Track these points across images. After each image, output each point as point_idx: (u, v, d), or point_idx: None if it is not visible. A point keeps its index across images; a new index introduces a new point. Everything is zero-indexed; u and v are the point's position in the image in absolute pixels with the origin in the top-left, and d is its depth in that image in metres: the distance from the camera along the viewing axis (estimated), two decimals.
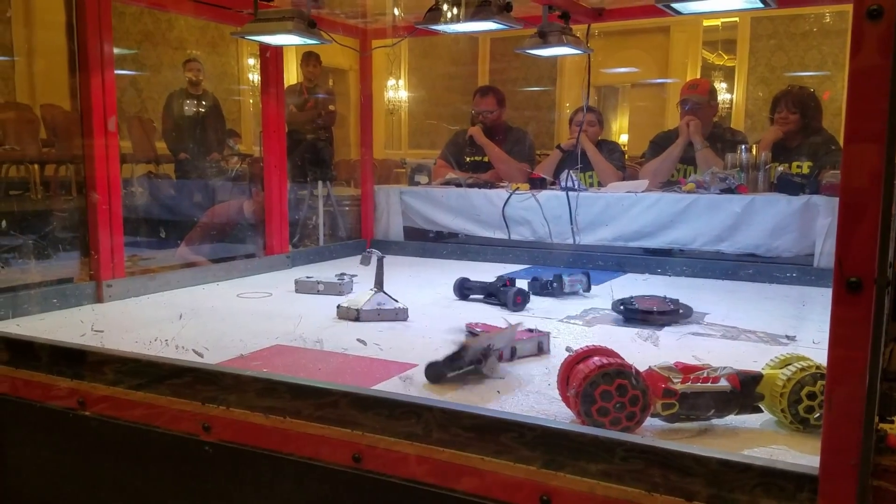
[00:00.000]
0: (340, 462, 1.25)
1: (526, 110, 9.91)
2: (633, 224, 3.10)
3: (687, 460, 1.01)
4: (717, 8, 2.26)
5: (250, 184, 5.18)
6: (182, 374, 1.43)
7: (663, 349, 1.79)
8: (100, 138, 2.29)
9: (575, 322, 2.10)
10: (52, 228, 4.31)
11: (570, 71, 9.80)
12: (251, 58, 8.96)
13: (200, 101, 6.52)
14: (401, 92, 10.56)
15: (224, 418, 1.36)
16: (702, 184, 3.11)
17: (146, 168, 7.26)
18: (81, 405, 1.50)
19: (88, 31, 2.26)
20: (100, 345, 1.62)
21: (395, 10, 3.22)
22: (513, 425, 1.13)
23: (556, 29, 2.60)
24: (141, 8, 7.36)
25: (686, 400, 1.23)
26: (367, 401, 1.26)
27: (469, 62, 10.49)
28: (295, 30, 2.31)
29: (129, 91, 7.90)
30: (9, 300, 2.09)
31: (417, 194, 3.65)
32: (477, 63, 10.51)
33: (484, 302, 2.42)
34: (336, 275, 2.66)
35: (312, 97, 6.00)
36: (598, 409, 1.17)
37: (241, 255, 3.39)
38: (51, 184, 6.80)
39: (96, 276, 2.32)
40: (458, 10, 2.08)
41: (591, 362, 1.21)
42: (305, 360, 1.73)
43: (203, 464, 1.38)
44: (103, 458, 1.52)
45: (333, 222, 5.10)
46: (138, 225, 4.53)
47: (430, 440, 1.19)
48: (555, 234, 3.22)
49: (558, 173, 3.56)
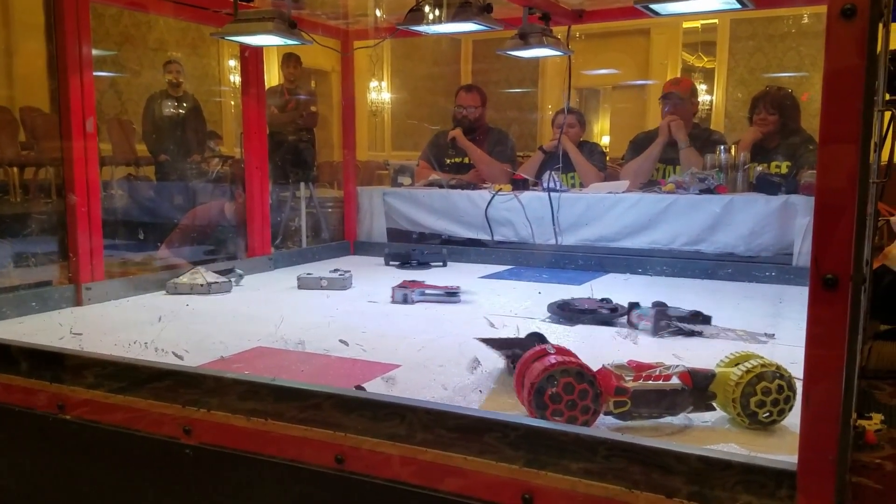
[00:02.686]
0: (323, 463, 1.24)
1: (508, 111, 9.95)
2: (615, 224, 3.12)
3: (668, 458, 1.02)
4: (694, 9, 2.28)
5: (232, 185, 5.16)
6: (162, 378, 1.42)
7: (642, 347, 1.80)
8: (78, 140, 2.27)
9: (556, 322, 2.10)
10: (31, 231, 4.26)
11: (551, 73, 9.85)
12: (232, 59, 8.92)
13: (181, 102, 6.48)
14: (383, 93, 10.55)
15: (205, 421, 1.35)
16: (681, 184, 3.13)
17: (126, 170, 7.21)
18: (61, 409, 1.49)
19: (66, 32, 2.24)
20: (79, 348, 1.61)
21: (377, 11, 3.22)
22: (496, 425, 1.13)
23: (536, 30, 2.61)
24: (120, 9, 7.30)
25: (638, 398, 1.23)
26: (350, 402, 1.26)
27: (451, 63, 10.51)
28: (275, 30, 2.30)
29: (108, 93, 7.83)
30: None
31: (400, 196, 3.65)
32: (459, 64, 10.53)
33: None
34: (331, 270, 2.71)
35: (294, 98, 5.98)
36: (551, 412, 1.18)
37: (222, 257, 3.37)
38: (30, 187, 6.73)
39: (75, 278, 2.30)
40: (439, 11, 2.09)
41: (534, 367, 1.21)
42: (288, 362, 1.72)
43: (184, 467, 1.37)
44: (84, 462, 1.50)
45: (316, 224, 5.10)
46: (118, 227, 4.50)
47: (414, 441, 1.19)
48: (537, 235, 3.23)
49: (540, 174, 3.58)
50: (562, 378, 1.16)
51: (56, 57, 2.28)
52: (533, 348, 1.28)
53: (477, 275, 2.96)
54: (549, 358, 1.20)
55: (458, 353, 1.74)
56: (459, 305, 2.39)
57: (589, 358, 1.28)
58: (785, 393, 1.24)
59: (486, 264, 3.22)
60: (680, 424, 1.29)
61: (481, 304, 2.38)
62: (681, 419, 1.29)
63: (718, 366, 1.32)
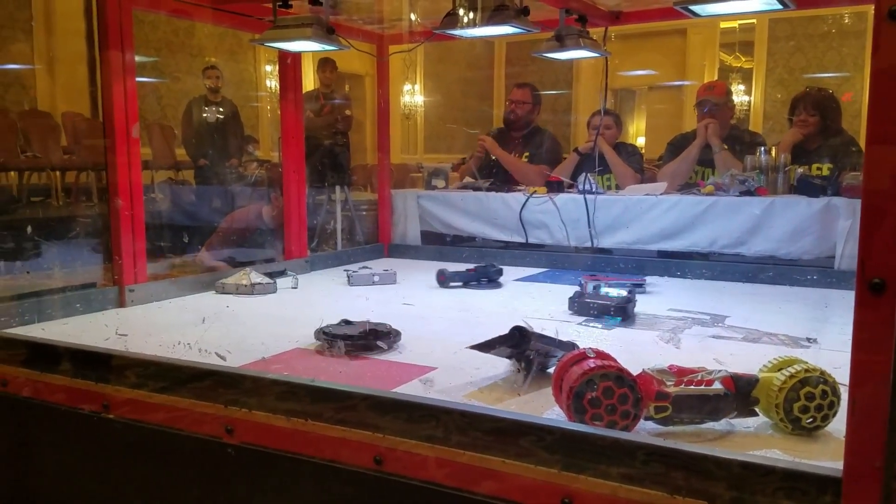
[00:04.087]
0: (362, 464, 1.26)
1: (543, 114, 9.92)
2: (652, 227, 3.09)
3: (709, 463, 1.00)
4: (735, 10, 2.25)
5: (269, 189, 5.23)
6: (204, 378, 1.44)
7: (684, 352, 1.79)
8: (122, 145, 2.32)
9: (594, 326, 2.09)
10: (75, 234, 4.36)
11: (586, 74, 9.79)
12: (269, 64, 9.03)
13: (219, 107, 6.58)
14: (416, 96, 10.59)
15: (246, 421, 1.37)
16: (721, 186, 3.09)
17: (166, 174, 7.34)
18: (106, 409, 1.52)
19: (110, 39, 2.29)
20: (124, 348, 1.64)
21: (412, 16, 3.23)
22: (532, 428, 1.13)
23: (573, 32, 2.60)
24: (161, 16, 7.45)
25: (679, 403, 1.22)
26: (386, 404, 1.26)
27: (485, 66, 10.51)
28: (314, 36, 2.33)
29: (148, 98, 7.99)
30: (34, 305, 2.12)
31: (434, 198, 3.66)
32: (493, 67, 10.53)
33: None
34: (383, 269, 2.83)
35: (329, 103, 6.03)
36: (591, 416, 1.17)
37: (260, 260, 3.42)
38: (72, 190, 6.89)
39: (119, 280, 2.35)
40: (475, 14, 2.09)
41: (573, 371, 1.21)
42: (327, 364, 1.74)
43: (226, 466, 1.39)
44: (127, 461, 1.54)
45: (351, 227, 5.14)
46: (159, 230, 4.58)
47: (450, 443, 1.20)
48: (573, 238, 3.22)
49: (576, 176, 3.56)
50: (601, 382, 1.16)
51: (100, 63, 2.34)
52: (571, 351, 1.27)
53: (512, 277, 2.96)
54: (588, 362, 1.19)
55: (495, 357, 1.74)
56: (495, 308, 2.39)
57: (629, 362, 1.27)
58: (829, 398, 1.22)
59: (521, 267, 3.22)
60: (722, 430, 1.27)
61: (517, 308, 2.38)
62: (723, 425, 1.28)
63: (761, 371, 1.30)
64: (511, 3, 2.07)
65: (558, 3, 2.56)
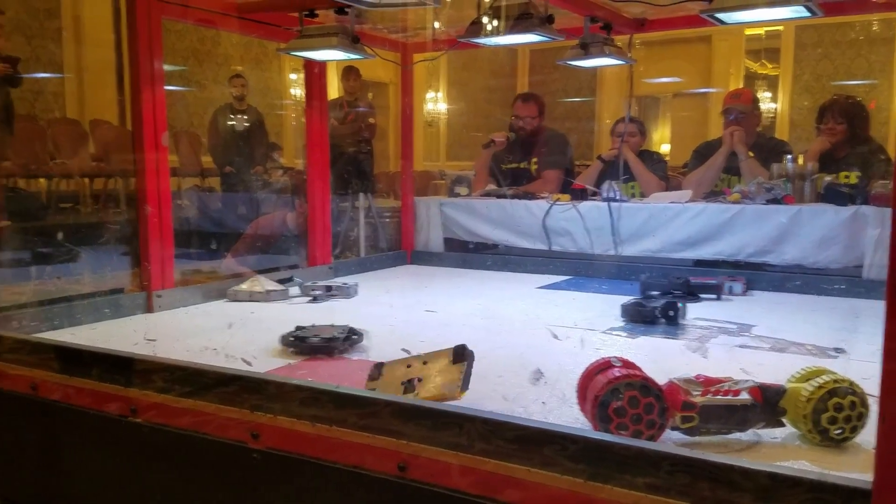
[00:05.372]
0: (386, 471, 1.26)
1: (566, 121, 9.89)
2: (677, 235, 3.07)
3: (735, 474, 1.00)
4: (762, 18, 2.24)
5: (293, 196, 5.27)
6: (230, 383, 1.45)
7: (710, 361, 1.77)
8: (150, 153, 2.35)
9: (618, 333, 2.08)
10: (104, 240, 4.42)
11: (610, 81, 9.76)
12: (293, 72, 9.11)
13: (245, 115, 6.65)
14: (440, 104, 10.63)
15: (271, 426, 1.38)
16: (747, 194, 3.07)
17: (192, 181, 7.43)
18: (133, 412, 1.54)
19: (140, 48, 2.33)
20: (152, 353, 1.66)
21: (436, 24, 3.25)
22: (556, 437, 1.13)
23: (597, 40, 2.60)
24: (187, 25, 7.56)
25: (706, 413, 1.21)
26: (409, 410, 1.27)
27: (508, 73, 10.52)
28: (339, 45, 2.35)
29: (175, 106, 8.10)
30: (64, 310, 2.16)
31: (457, 206, 3.67)
32: (516, 74, 10.54)
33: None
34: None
35: (353, 111, 6.07)
36: (616, 426, 1.17)
37: (284, 266, 3.44)
38: (100, 197, 6.99)
39: (147, 286, 2.38)
40: (499, 22, 2.10)
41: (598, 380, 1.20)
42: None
43: (251, 471, 1.41)
44: (154, 464, 1.55)
45: (374, 234, 5.16)
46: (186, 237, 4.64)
47: (474, 450, 1.20)
48: (596, 246, 3.20)
49: (599, 184, 3.55)
50: (626, 391, 1.15)
51: (129, 72, 2.38)
52: (596, 361, 1.27)
53: (535, 285, 2.95)
54: (614, 371, 1.19)
55: (518, 364, 1.74)
56: (518, 316, 2.39)
57: (654, 371, 1.26)
58: (858, 409, 1.21)
59: (544, 274, 3.21)
60: (749, 441, 1.26)
61: (540, 315, 2.37)
62: (750, 435, 1.26)
63: (789, 381, 1.28)
64: (536, 12, 2.08)
65: (583, 11, 2.56)
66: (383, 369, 1.50)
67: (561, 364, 1.72)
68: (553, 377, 1.59)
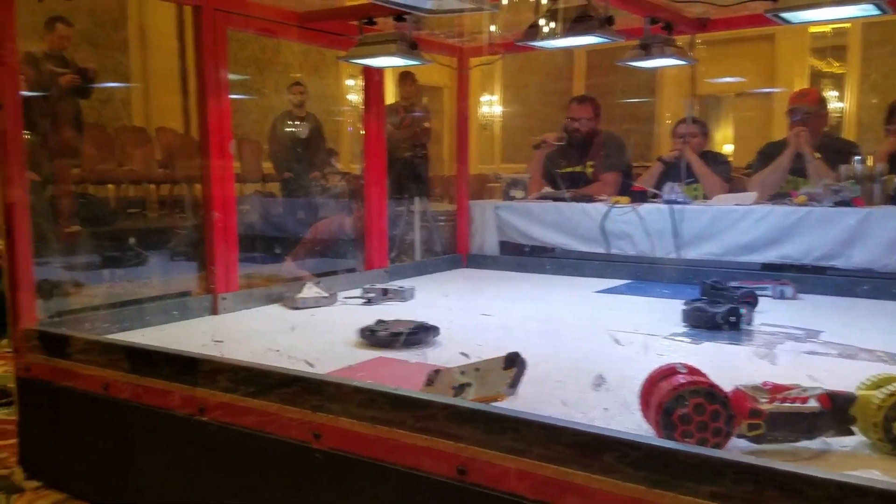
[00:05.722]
0: (445, 474, 1.27)
1: (624, 122, 9.77)
2: (742, 238, 3.00)
3: (802, 483, 0.97)
4: (829, 17, 2.17)
5: (350, 200, 5.34)
6: (292, 384, 1.48)
7: (778, 367, 1.73)
8: (216, 160, 2.42)
9: (681, 339, 2.05)
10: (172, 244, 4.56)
11: (669, 81, 9.60)
12: (350, 79, 9.24)
13: (304, 122, 6.77)
14: (494, 107, 10.62)
15: (333, 426, 1.41)
16: (814, 196, 2.98)
17: (253, 187, 7.60)
18: (201, 412, 1.59)
19: (206, 57, 2.40)
20: (219, 355, 1.71)
21: (492, 27, 3.25)
22: (616, 443, 1.12)
23: (658, 41, 2.56)
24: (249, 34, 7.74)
25: (773, 420, 1.18)
26: (466, 414, 1.27)
27: (565, 75, 10.45)
28: (397, 52, 2.38)
29: (237, 114, 8.29)
30: (134, 312, 2.24)
31: (513, 209, 3.66)
32: (572, 75, 10.45)
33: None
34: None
35: (409, 115, 6.12)
36: (681, 433, 1.15)
37: (342, 270, 3.49)
38: (165, 202, 7.21)
39: (212, 289, 2.45)
40: (559, 25, 2.08)
41: (661, 387, 1.18)
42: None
43: (314, 470, 1.43)
44: (221, 462, 1.60)
45: (429, 237, 5.18)
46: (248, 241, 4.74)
47: (532, 455, 1.19)
48: (657, 249, 3.15)
49: (660, 186, 3.49)
50: (692, 398, 1.14)
51: (196, 81, 2.45)
52: (660, 367, 1.25)
53: (592, 289, 2.92)
54: (678, 377, 1.17)
55: (577, 370, 1.72)
56: (576, 320, 2.37)
57: (720, 378, 1.24)
58: None
59: (602, 278, 3.17)
60: (817, 449, 1.23)
61: (599, 320, 2.35)
62: (818, 444, 1.23)
63: (859, 388, 1.25)
64: (595, 13, 2.06)
65: (644, 11, 2.52)
66: (439, 375, 1.51)
67: (622, 370, 1.70)
68: (614, 383, 1.57)
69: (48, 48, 4.60)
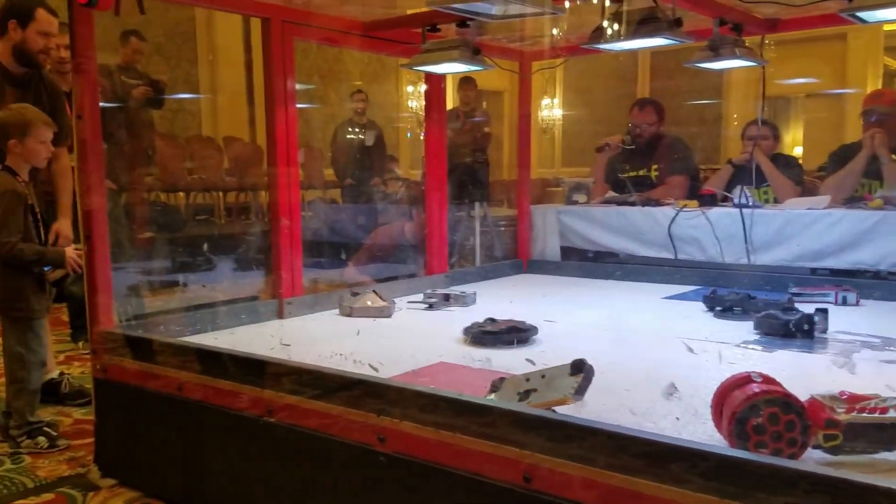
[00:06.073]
0: (511, 480, 1.26)
1: (690, 125, 9.56)
2: (815, 243, 2.91)
3: (880, 496, 0.94)
4: None
5: (411, 206, 5.38)
6: (355, 387, 1.50)
7: (860, 377, 1.66)
8: (283, 167, 2.48)
9: (753, 347, 1.99)
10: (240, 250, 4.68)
11: (737, 82, 9.35)
12: (410, 85, 9.31)
13: (365, 129, 6.85)
14: (555, 110, 10.55)
15: (397, 430, 1.42)
16: (890, 200, 2.87)
17: (314, 193, 7.74)
18: (269, 413, 1.62)
19: (273, 68, 2.46)
20: (287, 358, 1.74)
21: (554, 30, 3.23)
22: (685, 453, 1.10)
23: (727, 41, 2.50)
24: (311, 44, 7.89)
25: (851, 431, 1.14)
26: (528, 420, 1.27)
27: (628, 77, 10.29)
28: (460, 58, 2.39)
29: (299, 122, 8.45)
30: (207, 315, 2.31)
31: (576, 213, 3.62)
32: (636, 77, 10.30)
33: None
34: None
35: (469, 120, 6.13)
36: (755, 443, 1.11)
37: (403, 275, 3.51)
38: (232, 209, 7.41)
39: (278, 293, 2.50)
40: (626, 27, 2.05)
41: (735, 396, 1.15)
42: (471, 378, 1.77)
43: (378, 473, 1.44)
44: (288, 463, 1.63)
45: (490, 242, 5.17)
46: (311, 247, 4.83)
47: (598, 464, 1.18)
48: (727, 254, 3.07)
49: (730, 189, 3.41)
50: (766, 408, 1.11)
51: (264, 91, 2.51)
52: (733, 376, 1.22)
53: (659, 295, 2.87)
54: (752, 386, 1.14)
55: (646, 378, 1.69)
56: (643, 327, 2.33)
57: (794, 387, 1.21)
58: None
59: (669, 284, 3.11)
60: None
61: (667, 327, 2.30)
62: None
63: None
64: (663, 15, 2.02)
65: (713, 12, 2.47)
66: (504, 383, 1.51)
67: (692, 378, 1.67)
68: (685, 392, 1.54)
69: (122, 61, 4.77)
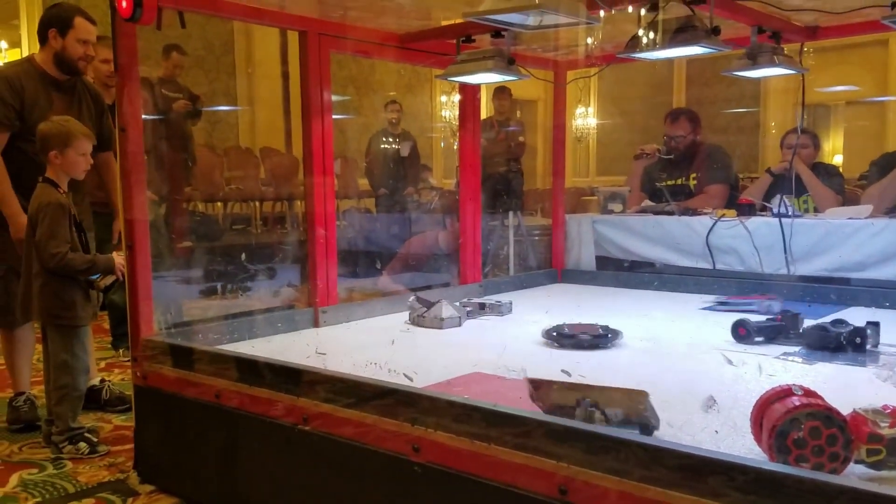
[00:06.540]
0: (546, 493, 1.25)
1: (728, 133, 9.44)
2: (857, 253, 2.84)
3: None
4: None
5: (444, 216, 5.39)
6: (389, 395, 1.50)
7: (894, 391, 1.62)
8: (319, 178, 2.50)
9: (794, 359, 1.95)
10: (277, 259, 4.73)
11: (775, 90, 9.21)
12: (443, 95, 9.35)
13: (399, 139, 6.90)
14: (589, 119, 10.50)
15: (431, 440, 1.41)
16: None
17: (348, 203, 7.80)
18: (305, 421, 1.63)
19: (310, 80, 2.49)
20: (323, 366, 1.76)
21: (588, 39, 3.21)
22: (722, 467, 1.08)
23: (766, 49, 2.46)
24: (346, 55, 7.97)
25: (895, 446, 1.11)
26: (562, 432, 1.26)
27: (664, 85, 10.21)
28: (495, 68, 2.39)
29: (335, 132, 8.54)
30: (245, 324, 2.34)
31: (611, 223, 3.60)
32: (672, 85, 10.21)
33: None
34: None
35: (503, 130, 6.13)
36: (795, 458, 1.09)
37: (437, 284, 3.52)
38: (268, 219, 7.50)
39: (314, 302, 2.52)
40: (663, 35, 2.03)
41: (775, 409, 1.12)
42: (505, 388, 1.76)
43: (413, 483, 1.44)
44: (323, 471, 1.63)
45: (523, 252, 5.16)
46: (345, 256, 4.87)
47: (633, 476, 1.17)
48: (766, 264, 3.02)
49: (768, 198, 3.35)
50: (807, 422, 1.08)
51: (301, 103, 2.54)
52: (773, 388, 1.20)
53: (697, 305, 2.83)
54: (793, 399, 1.12)
55: (684, 390, 1.67)
56: (684, 339, 2.29)
57: (836, 401, 1.18)
58: None
59: (707, 294, 3.06)
60: None
61: (705, 338, 2.27)
62: None
63: None
64: (700, 24, 2.00)
65: (751, 20, 2.43)
66: (542, 392, 1.50)
67: (731, 391, 1.64)
68: (724, 404, 1.52)
69: (163, 74, 4.88)
